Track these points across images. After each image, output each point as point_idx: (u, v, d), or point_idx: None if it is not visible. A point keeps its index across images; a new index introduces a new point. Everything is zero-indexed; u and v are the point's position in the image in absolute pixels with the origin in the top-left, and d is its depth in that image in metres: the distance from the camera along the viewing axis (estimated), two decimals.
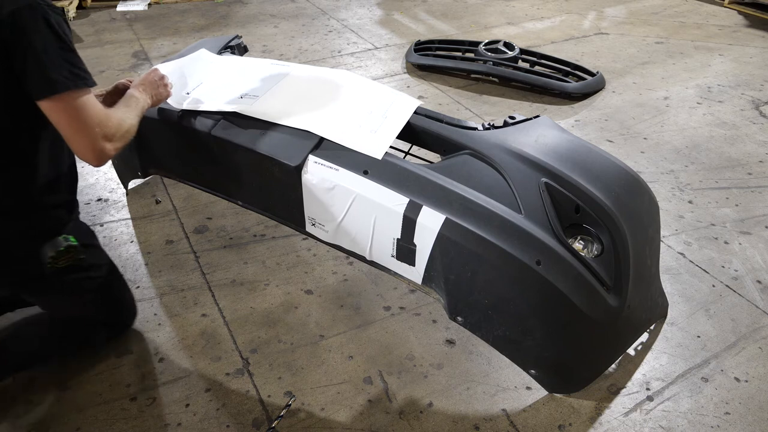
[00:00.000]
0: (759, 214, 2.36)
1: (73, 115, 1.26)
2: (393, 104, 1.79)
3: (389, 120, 1.71)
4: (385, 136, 1.65)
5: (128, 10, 4.51)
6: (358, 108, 1.76)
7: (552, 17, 4.51)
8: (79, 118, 1.27)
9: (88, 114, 1.28)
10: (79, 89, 1.26)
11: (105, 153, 1.33)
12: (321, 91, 1.87)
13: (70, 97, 1.25)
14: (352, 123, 1.70)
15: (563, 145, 1.68)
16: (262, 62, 2.04)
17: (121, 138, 1.37)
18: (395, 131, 1.68)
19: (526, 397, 1.60)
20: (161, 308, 1.86)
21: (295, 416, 1.54)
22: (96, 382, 1.62)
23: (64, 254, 1.44)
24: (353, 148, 1.61)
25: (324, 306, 1.89)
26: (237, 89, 1.85)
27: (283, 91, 1.84)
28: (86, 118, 1.27)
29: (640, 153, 2.76)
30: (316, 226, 1.71)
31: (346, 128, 1.67)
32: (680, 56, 3.83)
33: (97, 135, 1.29)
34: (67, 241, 1.44)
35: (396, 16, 4.49)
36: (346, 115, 1.74)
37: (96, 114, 1.30)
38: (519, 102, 3.22)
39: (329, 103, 1.80)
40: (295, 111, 1.74)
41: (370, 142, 1.63)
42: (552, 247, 1.45)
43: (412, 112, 1.76)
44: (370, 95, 1.84)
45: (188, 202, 2.35)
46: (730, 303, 1.93)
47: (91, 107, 1.29)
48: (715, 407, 1.59)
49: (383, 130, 1.67)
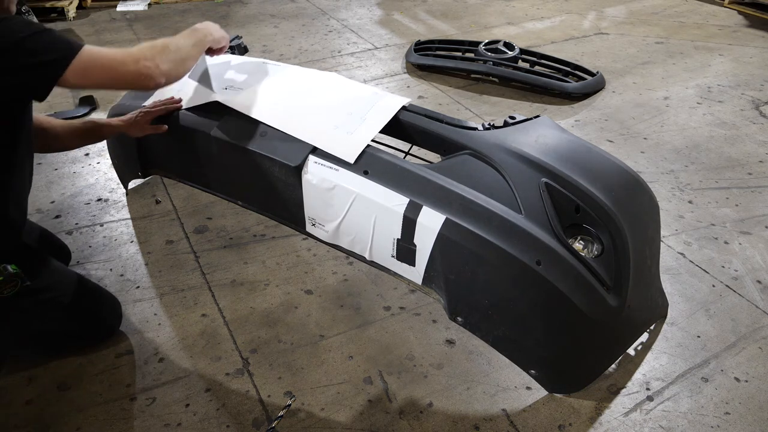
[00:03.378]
0: (759, 214, 2.36)
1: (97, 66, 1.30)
2: (375, 106, 1.76)
3: (368, 122, 1.69)
4: (360, 139, 1.63)
5: (128, 10, 4.51)
6: (337, 109, 1.74)
7: (552, 17, 4.51)
8: (104, 66, 1.31)
9: (104, 56, 1.31)
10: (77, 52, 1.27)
11: (149, 74, 1.36)
12: (304, 90, 1.86)
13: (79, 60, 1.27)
14: (329, 124, 1.68)
15: (563, 145, 1.68)
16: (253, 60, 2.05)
17: (161, 53, 1.39)
18: (372, 133, 1.66)
19: (526, 397, 1.60)
20: (161, 308, 1.86)
21: (295, 416, 1.54)
22: (96, 382, 1.62)
23: (7, 283, 1.42)
24: (325, 150, 1.60)
25: (324, 306, 1.89)
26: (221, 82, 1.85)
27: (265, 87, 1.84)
28: (106, 62, 1.31)
29: (640, 153, 2.76)
30: (316, 226, 1.71)
31: (321, 129, 1.66)
32: (680, 56, 3.83)
33: (128, 63, 1.33)
34: (7, 270, 1.41)
35: (396, 16, 4.49)
36: (324, 115, 1.72)
37: (109, 52, 1.33)
38: (519, 102, 3.22)
39: (309, 102, 1.79)
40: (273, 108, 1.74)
41: (343, 144, 1.61)
42: (552, 247, 1.45)
43: (397, 110, 1.74)
44: (354, 97, 1.82)
45: (188, 202, 2.35)
46: (730, 303, 1.93)
47: (101, 50, 1.32)
48: (715, 407, 1.59)
49: (360, 131, 1.65)
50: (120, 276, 1.98)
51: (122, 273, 1.99)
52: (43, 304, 1.54)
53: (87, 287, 1.69)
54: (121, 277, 1.98)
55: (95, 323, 1.71)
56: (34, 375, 1.63)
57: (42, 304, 1.54)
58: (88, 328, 1.69)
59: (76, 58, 1.26)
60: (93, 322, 1.70)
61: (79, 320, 1.65)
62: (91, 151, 2.67)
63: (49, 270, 1.59)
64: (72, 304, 1.60)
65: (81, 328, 1.67)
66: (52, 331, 1.63)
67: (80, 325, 1.66)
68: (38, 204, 2.31)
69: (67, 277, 1.64)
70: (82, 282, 1.68)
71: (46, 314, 1.56)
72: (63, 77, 1.26)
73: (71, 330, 1.65)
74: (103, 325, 1.73)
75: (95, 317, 1.70)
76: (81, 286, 1.66)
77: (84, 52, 1.28)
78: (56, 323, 1.60)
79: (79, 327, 1.66)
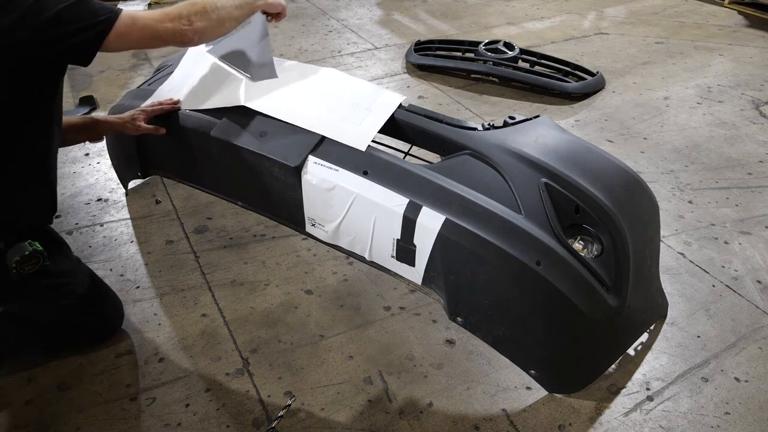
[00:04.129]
0: (759, 214, 2.36)
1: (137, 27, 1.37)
2: (377, 99, 1.79)
3: (374, 112, 1.72)
4: (369, 128, 1.66)
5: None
6: (342, 101, 1.77)
7: (552, 17, 4.50)
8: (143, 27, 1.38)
9: (142, 16, 1.38)
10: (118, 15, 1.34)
11: (184, 31, 1.43)
12: (306, 84, 1.87)
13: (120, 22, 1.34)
14: (336, 115, 1.70)
15: (563, 145, 1.68)
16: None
17: (198, 13, 1.45)
18: (379, 123, 1.69)
19: (526, 397, 1.61)
20: (161, 308, 1.86)
21: (295, 416, 1.54)
22: (96, 382, 1.62)
23: (29, 259, 1.42)
24: (337, 140, 1.62)
25: (324, 306, 1.89)
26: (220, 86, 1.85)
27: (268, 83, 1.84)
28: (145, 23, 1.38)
29: (640, 153, 2.76)
30: (315, 226, 1.71)
31: (329, 120, 1.68)
32: (680, 56, 3.83)
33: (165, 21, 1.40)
34: (32, 246, 1.42)
35: (396, 16, 4.49)
36: (330, 107, 1.75)
37: (147, 13, 1.40)
38: (519, 102, 3.22)
39: (314, 95, 1.81)
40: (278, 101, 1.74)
41: (354, 133, 1.63)
42: (552, 248, 1.45)
43: (396, 107, 1.76)
44: (355, 90, 1.85)
45: (188, 202, 2.35)
46: (730, 303, 1.93)
47: (138, 12, 1.39)
48: (715, 407, 1.59)
49: (367, 122, 1.68)
50: (120, 276, 1.98)
51: (122, 273, 2.00)
52: (58, 289, 1.56)
53: (97, 282, 1.72)
54: (121, 277, 1.98)
55: (101, 319, 1.72)
56: (34, 375, 1.63)
57: (57, 288, 1.56)
58: (93, 323, 1.70)
59: (117, 20, 1.33)
60: (99, 317, 1.71)
61: (87, 313, 1.65)
62: (91, 151, 2.67)
63: (68, 257, 1.63)
64: (84, 296, 1.62)
65: (87, 322, 1.68)
66: (60, 321, 1.63)
67: (88, 319, 1.67)
68: None
69: (82, 268, 1.67)
70: (93, 276, 1.70)
71: (59, 301, 1.57)
72: (106, 40, 1.32)
73: (78, 323, 1.66)
74: (106, 322, 1.74)
75: (101, 313, 1.72)
76: (92, 280, 1.69)
77: (124, 14, 1.35)
78: (66, 313, 1.61)
79: (86, 320, 1.67)
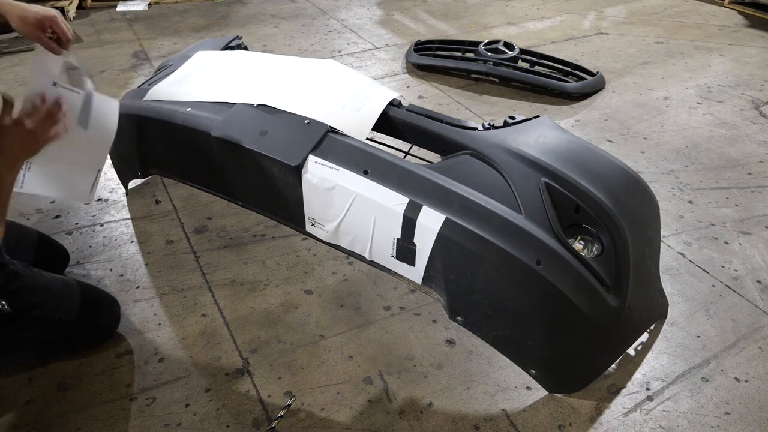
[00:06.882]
0: (759, 214, 2.36)
1: None
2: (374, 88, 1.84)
3: (372, 99, 1.75)
4: (368, 116, 1.69)
5: (128, 10, 4.51)
6: (342, 89, 1.81)
7: (552, 17, 4.51)
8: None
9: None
10: None
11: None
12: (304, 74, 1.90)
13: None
14: (336, 103, 1.73)
15: (563, 145, 1.68)
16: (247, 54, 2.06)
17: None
18: (379, 109, 1.72)
19: (526, 397, 1.60)
20: (161, 308, 1.86)
21: (295, 416, 1.54)
22: (96, 382, 1.62)
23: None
24: (338, 128, 1.65)
25: (324, 306, 1.89)
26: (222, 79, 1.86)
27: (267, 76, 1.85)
28: None
29: (640, 153, 2.76)
30: (316, 226, 1.71)
31: (329, 108, 1.71)
32: (680, 56, 3.83)
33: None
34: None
35: (396, 16, 4.49)
36: (329, 95, 1.77)
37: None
38: (519, 102, 3.22)
39: (313, 85, 1.84)
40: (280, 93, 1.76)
41: (353, 121, 1.67)
42: (552, 247, 1.45)
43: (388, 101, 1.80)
44: (352, 79, 1.89)
45: (188, 202, 2.35)
46: (730, 303, 1.93)
47: None
48: (715, 407, 1.59)
49: (366, 107, 1.72)
50: (120, 276, 1.98)
51: (122, 273, 1.99)
52: (31, 323, 1.51)
53: (82, 295, 1.64)
54: (121, 277, 1.98)
55: (92, 330, 1.69)
56: (34, 375, 1.63)
57: (30, 322, 1.51)
58: (84, 335, 1.68)
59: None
60: (89, 328, 1.68)
61: (73, 329, 1.62)
62: None
63: (33, 287, 1.54)
64: (63, 317, 1.57)
65: (77, 335, 1.65)
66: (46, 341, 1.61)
67: (75, 333, 1.64)
68: (38, 204, 2.31)
69: (55, 290, 1.60)
70: (75, 291, 1.63)
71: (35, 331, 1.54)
72: None
73: (66, 337, 1.63)
74: (99, 330, 1.72)
75: (90, 324, 1.68)
76: (74, 295, 1.62)
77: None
78: (49, 335, 1.58)
79: (74, 334, 1.64)
